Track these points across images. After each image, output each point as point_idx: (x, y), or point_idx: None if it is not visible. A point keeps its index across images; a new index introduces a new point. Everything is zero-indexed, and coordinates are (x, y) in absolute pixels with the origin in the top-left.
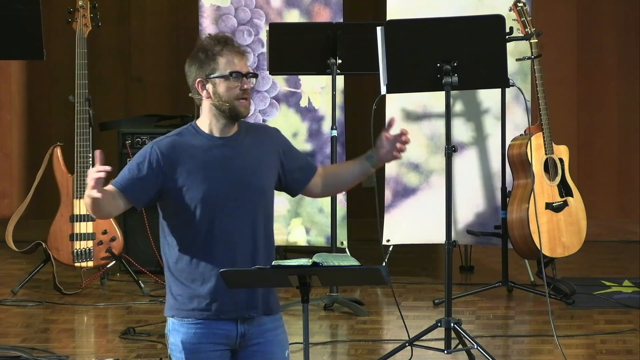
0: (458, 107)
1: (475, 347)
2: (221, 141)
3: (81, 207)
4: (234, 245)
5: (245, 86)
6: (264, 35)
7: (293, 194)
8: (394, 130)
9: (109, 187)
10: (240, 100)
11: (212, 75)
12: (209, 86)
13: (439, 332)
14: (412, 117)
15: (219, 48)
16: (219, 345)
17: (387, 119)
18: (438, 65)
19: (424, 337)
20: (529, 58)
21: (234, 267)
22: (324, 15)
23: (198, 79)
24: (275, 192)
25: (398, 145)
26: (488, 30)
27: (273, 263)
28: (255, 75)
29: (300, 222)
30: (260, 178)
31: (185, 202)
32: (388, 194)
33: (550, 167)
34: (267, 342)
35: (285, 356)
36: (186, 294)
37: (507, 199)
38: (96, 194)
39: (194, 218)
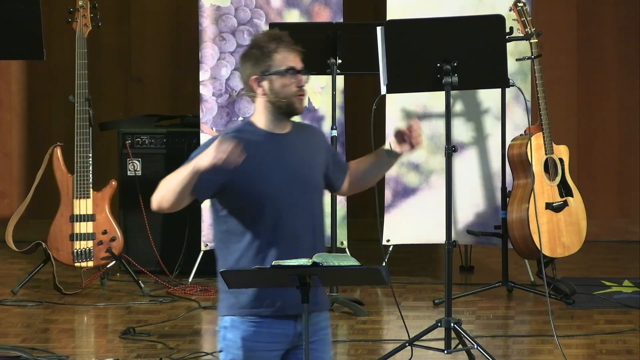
0: (458, 107)
1: (475, 347)
2: (279, 138)
3: (81, 207)
4: (297, 242)
5: (301, 83)
6: None
7: (335, 191)
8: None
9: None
10: (296, 97)
11: (267, 72)
12: (265, 83)
13: (439, 332)
14: (412, 117)
15: (274, 45)
16: (276, 345)
17: (395, 127)
18: (438, 65)
19: (424, 337)
20: (529, 58)
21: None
22: (324, 15)
23: (253, 76)
24: None
25: (412, 140)
26: (488, 30)
27: (273, 263)
28: (308, 72)
29: None
30: (316, 174)
31: (248, 199)
32: (388, 194)
33: (550, 167)
34: (320, 341)
35: (332, 355)
36: (249, 292)
37: (507, 199)
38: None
39: (257, 215)
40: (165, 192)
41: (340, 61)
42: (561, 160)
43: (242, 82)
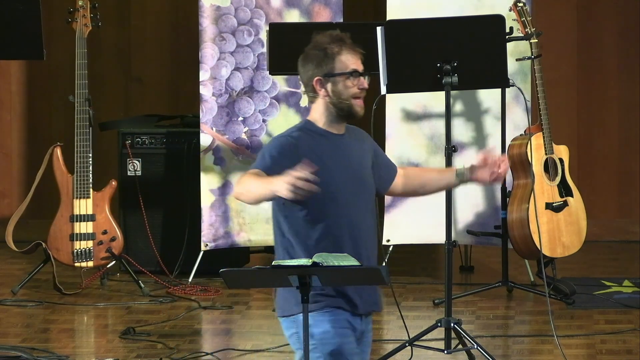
0: (458, 107)
1: (475, 347)
2: (338, 139)
3: (81, 207)
4: (359, 239)
5: (363, 85)
6: (264, 35)
7: (381, 193)
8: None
9: (255, 170)
10: (356, 99)
11: (331, 74)
12: (327, 84)
13: (439, 332)
14: (412, 117)
15: (337, 47)
16: (355, 333)
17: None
18: (438, 65)
19: (424, 337)
20: (529, 58)
21: (360, 260)
22: (324, 15)
23: (316, 77)
24: None
25: (494, 174)
26: (488, 30)
27: (273, 263)
28: (369, 74)
29: None
30: (369, 175)
31: (314, 198)
32: None
33: (550, 167)
34: (366, 343)
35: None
36: (318, 289)
37: (507, 199)
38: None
39: (319, 214)
40: (246, 194)
41: None
42: (561, 160)
43: (303, 83)
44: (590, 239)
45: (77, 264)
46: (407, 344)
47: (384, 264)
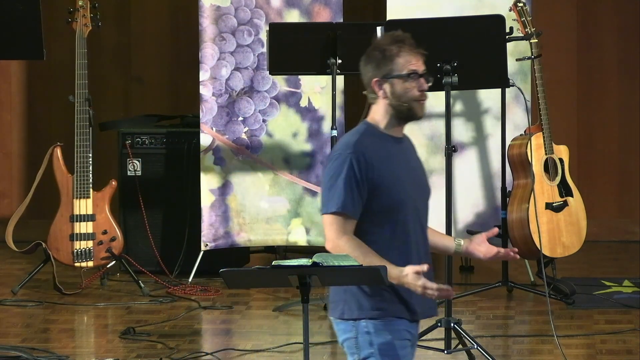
0: (458, 107)
1: (475, 347)
2: (398, 142)
3: (81, 207)
4: (421, 245)
5: (423, 86)
6: (264, 35)
7: None
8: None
9: (340, 220)
10: (418, 101)
11: (389, 75)
12: (386, 86)
13: (439, 332)
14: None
15: (397, 48)
16: (414, 342)
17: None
18: (438, 65)
19: (424, 337)
20: (529, 58)
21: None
22: (324, 15)
23: (375, 79)
24: (274, 191)
25: (499, 255)
26: (488, 30)
27: (273, 263)
28: (429, 75)
29: (300, 222)
30: (427, 179)
31: (380, 204)
32: None
33: (550, 167)
34: (415, 346)
35: None
36: (384, 295)
37: (507, 199)
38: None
39: (389, 220)
40: (356, 258)
41: (340, 61)
42: (561, 160)
43: (364, 84)
44: (590, 239)
45: (77, 264)
46: None
47: None
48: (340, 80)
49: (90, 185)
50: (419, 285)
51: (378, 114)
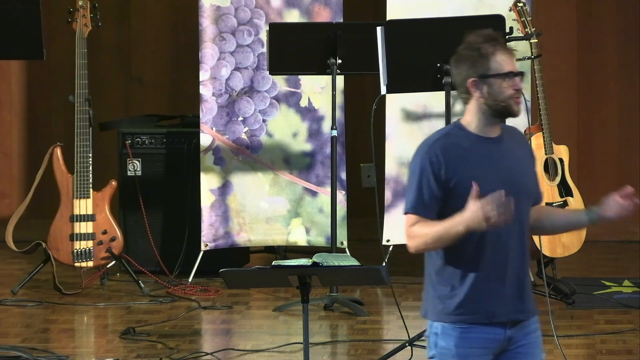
0: (458, 107)
1: None
2: (490, 141)
3: (81, 207)
4: (506, 249)
5: (518, 85)
6: (264, 35)
7: None
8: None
9: (414, 218)
10: (514, 99)
11: (485, 75)
12: (482, 86)
13: None
14: (412, 117)
15: (492, 47)
16: (488, 349)
17: (620, 192)
18: (438, 65)
19: (424, 337)
20: (529, 58)
21: (505, 272)
22: (324, 15)
23: (470, 79)
24: (274, 191)
25: (626, 207)
26: None
27: (273, 263)
28: (523, 74)
29: (300, 222)
30: (529, 180)
31: (458, 205)
32: (388, 194)
33: (550, 167)
34: (530, 344)
35: (543, 358)
36: (456, 299)
37: None
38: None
39: None
40: (431, 246)
41: (340, 61)
42: (561, 160)
43: (456, 84)
44: (590, 239)
45: (77, 264)
46: (407, 344)
47: (384, 264)
48: (340, 80)
49: (90, 185)
50: (478, 211)
51: (470, 113)
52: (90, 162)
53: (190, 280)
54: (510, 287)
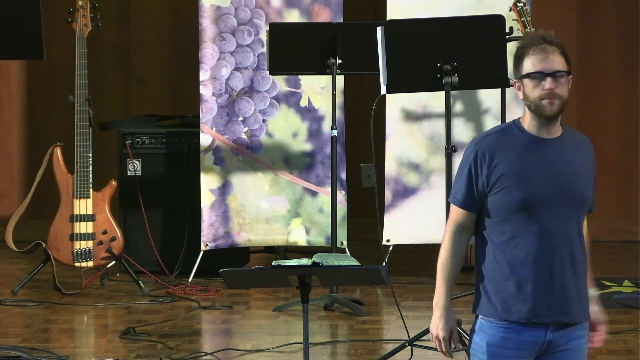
0: (458, 107)
1: None
2: (543, 142)
3: (81, 207)
4: (553, 249)
5: (548, 86)
6: (264, 35)
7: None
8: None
9: (461, 212)
10: (543, 100)
11: (520, 76)
12: (521, 86)
13: None
14: (412, 117)
15: (527, 48)
16: (524, 352)
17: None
18: (438, 65)
19: (424, 337)
20: None
21: (551, 272)
22: (324, 15)
23: (515, 80)
24: (274, 191)
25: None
26: (488, 30)
27: (273, 263)
28: (567, 73)
29: (300, 222)
30: (582, 185)
31: (505, 202)
32: (388, 194)
33: None
34: (571, 350)
35: None
36: (500, 296)
37: None
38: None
39: (513, 219)
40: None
41: (340, 61)
42: None
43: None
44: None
45: (77, 264)
46: (407, 344)
47: (384, 264)
48: (340, 80)
49: (90, 185)
50: (434, 337)
51: (525, 112)
52: (90, 162)
53: (190, 280)
54: (557, 290)
